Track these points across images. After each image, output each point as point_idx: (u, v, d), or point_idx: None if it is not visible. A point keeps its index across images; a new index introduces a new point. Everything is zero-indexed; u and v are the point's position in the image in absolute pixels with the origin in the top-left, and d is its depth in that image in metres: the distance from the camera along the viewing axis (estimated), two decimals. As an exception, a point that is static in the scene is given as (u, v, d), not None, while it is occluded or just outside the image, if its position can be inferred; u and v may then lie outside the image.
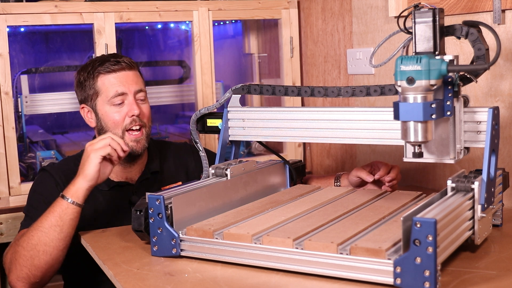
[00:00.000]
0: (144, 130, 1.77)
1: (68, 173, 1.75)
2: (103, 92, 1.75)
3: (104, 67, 1.75)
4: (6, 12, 2.14)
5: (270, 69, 2.84)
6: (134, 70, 1.79)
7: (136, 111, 1.74)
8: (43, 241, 1.53)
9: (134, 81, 1.76)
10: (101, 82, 1.75)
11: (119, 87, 1.74)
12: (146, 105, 1.80)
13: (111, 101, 1.74)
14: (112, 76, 1.75)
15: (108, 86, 1.74)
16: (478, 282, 1.13)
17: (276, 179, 1.73)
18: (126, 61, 1.76)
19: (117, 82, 1.74)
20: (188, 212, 1.38)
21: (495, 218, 1.44)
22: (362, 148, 2.29)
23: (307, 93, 1.57)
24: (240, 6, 2.50)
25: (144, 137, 1.77)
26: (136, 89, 1.76)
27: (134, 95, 1.76)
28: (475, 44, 1.30)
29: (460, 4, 1.81)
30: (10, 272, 1.59)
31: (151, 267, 1.30)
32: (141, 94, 1.78)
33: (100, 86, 1.75)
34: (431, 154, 1.35)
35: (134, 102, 1.75)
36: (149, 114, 1.80)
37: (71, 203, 1.54)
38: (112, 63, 1.75)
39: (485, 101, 1.77)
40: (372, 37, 2.21)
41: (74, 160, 1.83)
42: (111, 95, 1.74)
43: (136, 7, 2.31)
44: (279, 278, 1.20)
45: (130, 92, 1.75)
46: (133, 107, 1.74)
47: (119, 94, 1.74)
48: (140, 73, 1.82)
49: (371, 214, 1.39)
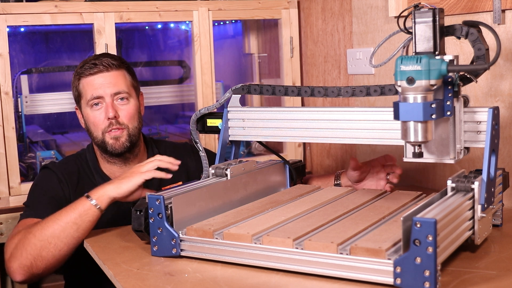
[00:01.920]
0: (125, 130, 1.77)
1: (70, 172, 1.78)
2: (84, 95, 1.78)
3: (82, 70, 1.77)
4: (6, 12, 2.14)
5: (270, 69, 2.84)
6: (115, 71, 1.77)
7: (111, 113, 1.74)
8: (57, 235, 1.52)
9: (112, 83, 1.76)
10: (82, 85, 1.78)
11: (94, 91, 1.75)
12: (128, 106, 1.78)
13: (89, 103, 1.76)
14: (90, 79, 1.76)
15: (87, 89, 1.76)
16: (478, 282, 1.13)
17: (276, 179, 1.73)
18: (105, 63, 1.76)
19: (94, 84, 1.76)
20: (188, 212, 1.38)
21: (495, 218, 1.44)
22: (362, 148, 2.29)
23: (307, 93, 1.57)
24: (240, 6, 2.50)
25: (124, 135, 1.77)
26: (113, 91, 1.76)
27: (112, 97, 1.76)
28: (475, 44, 1.30)
29: (460, 4, 1.81)
30: (12, 258, 1.56)
31: (151, 267, 1.30)
32: (120, 95, 1.77)
33: (81, 89, 1.78)
34: (431, 154, 1.35)
35: (111, 105, 1.75)
36: (133, 114, 1.79)
37: (93, 204, 1.53)
38: (90, 65, 1.76)
39: (485, 101, 1.77)
40: (372, 37, 2.21)
41: (75, 159, 1.85)
42: (88, 97, 1.76)
43: (136, 7, 2.31)
44: (279, 278, 1.20)
45: (106, 95, 1.75)
46: (108, 110, 1.75)
47: (95, 98, 1.75)
48: (126, 71, 1.81)
49: (371, 214, 1.39)
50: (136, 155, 1.84)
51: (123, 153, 1.79)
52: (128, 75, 1.81)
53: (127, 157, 1.81)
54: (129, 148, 1.79)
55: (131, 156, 1.83)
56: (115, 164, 1.82)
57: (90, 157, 1.84)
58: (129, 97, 1.79)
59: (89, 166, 1.83)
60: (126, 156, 1.81)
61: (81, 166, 1.83)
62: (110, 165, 1.83)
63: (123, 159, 1.81)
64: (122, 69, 1.80)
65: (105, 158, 1.82)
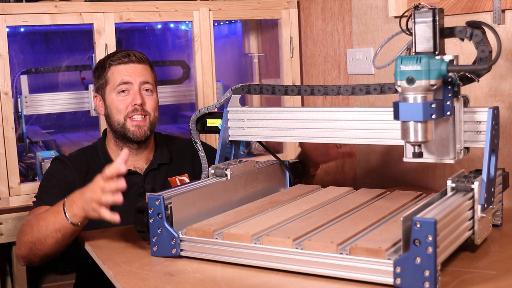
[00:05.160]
0: (147, 119, 1.84)
1: (79, 161, 1.85)
2: (111, 81, 1.84)
3: (114, 58, 1.85)
4: (6, 12, 2.14)
5: (270, 69, 2.84)
6: (144, 64, 1.87)
7: (138, 100, 1.82)
8: (41, 242, 1.57)
9: (141, 73, 1.85)
10: (111, 72, 1.85)
11: (124, 76, 1.83)
12: (152, 97, 1.86)
13: (116, 89, 1.83)
14: (121, 66, 1.84)
15: (116, 75, 1.84)
16: (478, 282, 1.13)
17: (276, 179, 1.73)
18: (136, 55, 1.86)
19: (124, 72, 1.84)
20: (188, 212, 1.38)
21: (495, 218, 1.44)
22: (362, 148, 2.29)
23: (306, 92, 1.57)
24: (240, 6, 2.50)
25: (147, 124, 1.83)
26: (142, 80, 1.84)
27: (140, 85, 1.83)
28: (479, 46, 1.29)
29: (460, 4, 1.81)
30: (16, 247, 1.68)
31: (151, 267, 1.30)
32: (147, 85, 1.85)
33: (110, 76, 1.85)
34: (431, 154, 1.35)
35: (138, 92, 1.83)
36: (155, 105, 1.87)
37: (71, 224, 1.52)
38: (123, 55, 1.85)
39: (485, 101, 1.77)
40: (372, 37, 2.21)
41: (86, 151, 1.92)
42: (117, 83, 1.83)
43: (136, 7, 2.31)
44: (279, 278, 1.20)
45: (135, 82, 1.83)
46: (136, 97, 1.82)
47: (124, 83, 1.83)
48: (151, 69, 1.90)
49: (371, 214, 1.39)
50: (147, 146, 1.90)
51: (143, 140, 1.85)
52: (153, 72, 1.91)
53: (141, 145, 1.87)
54: (148, 137, 1.85)
55: (144, 146, 1.88)
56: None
57: (101, 149, 1.89)
58: (153, 90, 1.88)
59: (99, 158, 1.88)
60: (140, 145, 1.87)
61: (91, 157, 1.89)
62: None
63: (136, 147, 1.87)
64: (149, 66, 1.90)
65: (118, 146, 1.87)
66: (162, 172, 1.90)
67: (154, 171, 1.88)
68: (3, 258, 2.38)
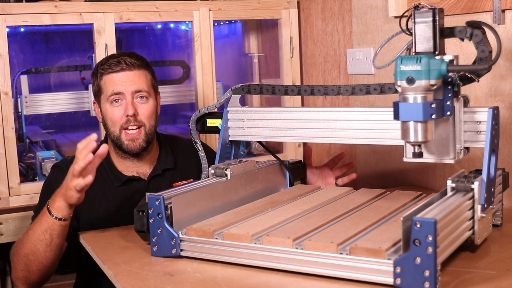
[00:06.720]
0: (142, 130, 1.79)
1: None
2: (104, 90, 1.80)
3: (105, 67, 1.79)
4: (6, 12, 2.14)
5: (270, 69, 2.84)
6: (137, 70, 1.79)
7: (130, 111, 1.76)
8: (33, 251, 1.57)
9: (133, 81, 1.78)
10: (103, 81, 1.80)
11: (115, 86, 1.77)
12: (147, 105, 1.80)
13: (109, 99, 1.78)
14: (112, 76, 1.78)
15: (108, 85, 1.78)
16: (478, 282, 1.13)
17: (276, 179, 1.73)
18: (128, 62, 1.78)
19: (116, 81, 1.78)
20: (188, 212, 1.38)
21: (495, 218, 1.44)
22: (362, 148, 2.29)
23: (307, 92, 1.57)
24: (240, 6, 2.50)
25: (141, 136, 1.79)
26: (134, 89, 1.78)
27: (132, 95, 1.78)
28: (479, 46, 1.29)
29: (460, 4, 1.81)
30: (12, 269, 1.63)
31: (151, 267, 1.30)
32: (141, 93, 1.79)
33: (102, 85, 1.80)
34: (431, 154, 1.35)
35: (131, 102, 1.77)
36: (150, 113, 1.81)
37: (56, 219, 1.53)
38: (114, 62, 1.78)
39: (485, 101, 1.77)
40: (372, 37, 2.21)
41: None
42: (109, 93, 1.78)
43: (136, 7, 2.31)
44: (279, 278, 1.20)
45: (127, 92, 1.77)
46: (128, 108, 1.77)
47: (116, 93, 1.77)
48: (147, 71, 1.83)
49: (371, 214, 1.39)
50: (149, 152, 1.86)
51: (138, 153, 1.81)
52: (149, 75, 1.84)
53: (141, 154, 1.84)
54: (145, 148, 1.81)
55: (145, 153, 1.85)
56: (128, 159, 1.84)
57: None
58: (149, 97, 1.81)
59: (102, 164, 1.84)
60: (140, 153, 1.83)
61: None
62: (124, 160, 1.85)
63: (136, 155, 1.83)
64: (144, 69, 1.82)
65: (118, 153, 1.84)
66: (167, 178, 1.86)
67: (158, 177, 1.86)
68: (3, 258, 2.38)
